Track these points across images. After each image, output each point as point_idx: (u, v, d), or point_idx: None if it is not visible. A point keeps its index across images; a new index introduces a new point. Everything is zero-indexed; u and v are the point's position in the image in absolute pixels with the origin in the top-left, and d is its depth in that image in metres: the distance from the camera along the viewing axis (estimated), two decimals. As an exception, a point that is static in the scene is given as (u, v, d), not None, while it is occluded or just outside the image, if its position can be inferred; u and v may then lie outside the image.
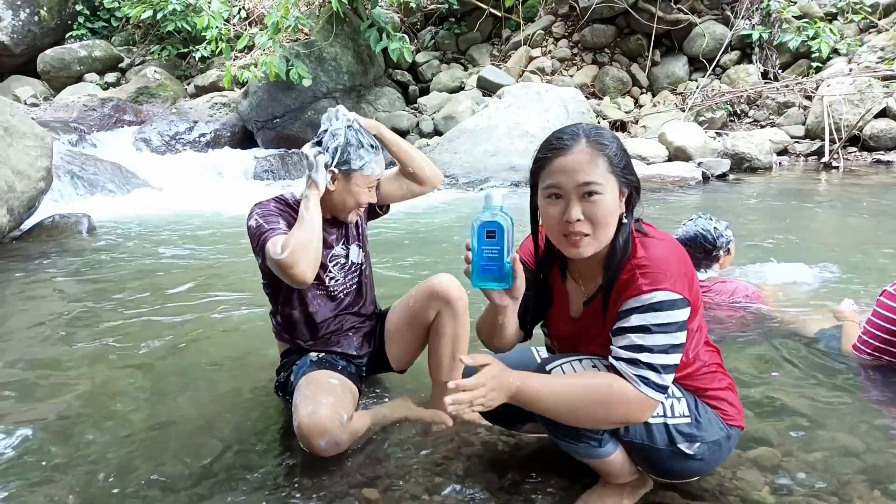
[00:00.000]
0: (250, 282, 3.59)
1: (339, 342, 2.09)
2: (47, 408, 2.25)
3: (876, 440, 1.89)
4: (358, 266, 2.14)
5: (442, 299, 1.99)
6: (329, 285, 2.06)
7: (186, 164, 8.04)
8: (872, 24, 9.16)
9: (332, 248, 2.04)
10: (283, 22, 7.84)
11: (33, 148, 5.01)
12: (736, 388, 1.63)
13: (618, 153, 1.38)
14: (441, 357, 2.02)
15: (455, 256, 4.31)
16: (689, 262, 1.43)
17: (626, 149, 1.43)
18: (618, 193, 1.38)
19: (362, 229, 2.17)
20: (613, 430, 1.47)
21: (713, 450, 1.51)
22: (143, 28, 11.05)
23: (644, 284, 1.34)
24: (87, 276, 4.01)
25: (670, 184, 6.92)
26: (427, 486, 1.71)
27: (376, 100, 9.29)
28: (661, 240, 1.43)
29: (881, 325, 2.23)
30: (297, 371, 2.00)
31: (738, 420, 1.57)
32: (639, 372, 1.34)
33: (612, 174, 1.36)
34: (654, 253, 1.38)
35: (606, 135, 1.41)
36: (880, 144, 7.92)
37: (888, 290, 2.22)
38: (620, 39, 10.03)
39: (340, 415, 1.80)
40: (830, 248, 4.29)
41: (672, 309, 1.32)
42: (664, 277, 1.33)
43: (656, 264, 1.35)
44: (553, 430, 1.49)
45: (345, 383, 1.96)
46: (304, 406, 1.78)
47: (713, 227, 2.81)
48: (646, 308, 1.33)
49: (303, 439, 1.75)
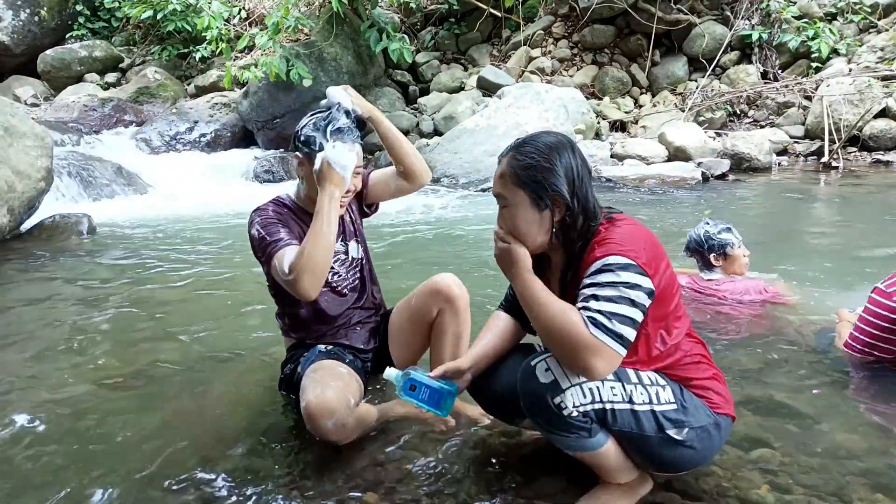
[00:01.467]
0: (252, 282, 3.60)
1: (348, 335, 2.11)
2: (47, 408, 2.25)
3: (876, 440, 1.89)
4: (358, 261, 2.15)
5: (443, 297, 2.01)
6: (333, 281, 2.07)
7: (186, 164, 8.05)
8: (872, 24, 9.16)
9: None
10: (283, 22, 7.84)
11: (33, 148, 5.02)
12: (724, 379, 1.64)
13: (530, 169, 1.48)
14: (443, 355, 2.03)
15: (456, 255, 4.32)
16: (656, 244, 1.50)
17: (571, 170, 1.49)
18: (533, 207, 1.49)
19: (357, 225, 2.18)
20: (602, 420, 1.48)
21: (702, 436, 1.52)
22: (144, 28, 11.06)
23: (598, 252, 1.44)
24: (87, 276, 4.01)
25: (670, 184, 6.93)
26: (428, 489, 1.72)
27: (376, 100, 9.30)
28: (625, 225, 1.50)
29: (871, 321, 2.25)
30: (305, 362, 2.01)
31: (725, 408, 1.59)
32: (588, 314, 1.39)
33: (520, 189, 1.49)
34: (613, 232, 1.48)
35: (532, 151, 1.49)
36: (880, 144, 7.93)
37: (879, 286, 2.24)
38: (620, 39, 10.03)
39: (348, 398, 1.80)
40: (830, 247, 4.30)
41: (623, 271, 1.40)
42: (616, 246, 1.43)
43: (613, 238, 1.45)
44: (542, 423, 1.51)
45: (352, 373, 1.97)
46: (313, 388, 1.78)
47: (704, 230, 2.99)
48: (597, 270, 1.43)
49: (309, 420, 1.73)
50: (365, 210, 2.23)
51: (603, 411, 1.47)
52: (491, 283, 3.35)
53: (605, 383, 1.47)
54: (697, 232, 3.01)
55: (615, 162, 7.82)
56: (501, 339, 1.75)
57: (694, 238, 3.02)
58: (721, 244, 2.96)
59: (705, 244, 2.98)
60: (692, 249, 3.04)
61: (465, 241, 4.76)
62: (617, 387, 1.48)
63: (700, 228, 3.02)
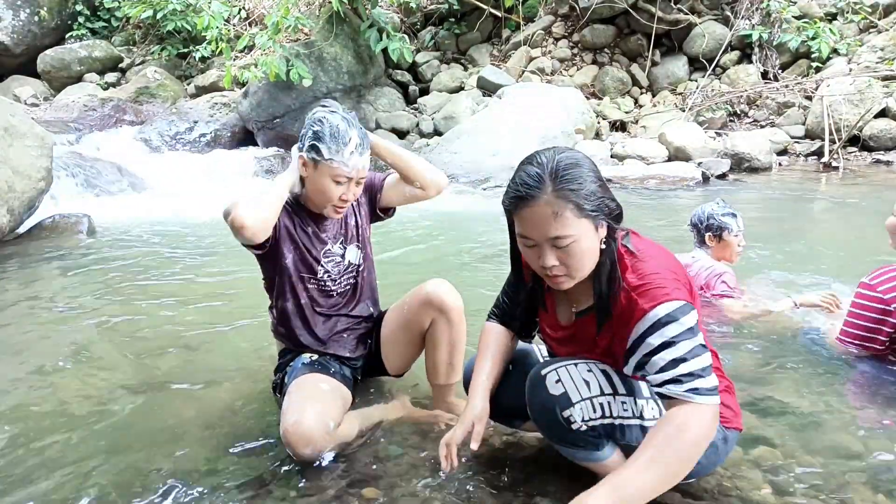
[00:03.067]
0: (250, 283, 3.59)
1: (332, 345, 2.07)
2: (44, 409, 2.24)
3: (876, 440, 1.89)
4: (355, 267, 2.10)
5: (436, 308, 1.96)
6: (321, 278, 2.03)
7: (186, 164, 8.04)
8: (872, 24, 9.16)
9: (326, 244, 2.02)
10: (283, 22, 7.84)
11: (33, 148, 5.01)
12: (734, 390, 1.63)
13: (588, 194, 1.31)
14: (438, 363, 2.01)
15: (456, 254, 4.31)
16: (680, 268, 1.43)
17: (598, 176, 1.36)
18: (593, 230, 1.35)
19: (363, 231, 2.12)
20: (611, 434, 1.47)
21: (709, 452, 1.49)
22: (143, 28, 11.06)
23: (645, 304, 1.33)
24: (86, 276, 4.01)
25: (670, 184, 6.92)
26: (427, 487, 1.71)
27: (376, 100, 9.29)
28: (648, 254, 1.42)
29: (859, 314, 2.27)
30: (290, 373, 1.99)
31: (735, 422, 1.57)
32: (688, 386, 1.31)
33: (583, 218, 1.32)
34: (644, 271, 1.37)
35: (574, 174, 1.31)
36: (880, 144, 7.92)
37: (864, 281, 2.26)
38: (620, 39, 10.03)
39: (327, 423, 1.79)
40: (830, 247, 4.29)
41: (681, 316, 1.32)
42: (660, 291, 1.33)
43: (649, 281, 1.35)
44: (551, 435, 1.50)
45: (335, 389, 1.94)
46: (291, 413, 1.77)
47: (711, 208, 3.01)
48: (657, 325, 1.32)
49: (288, 447, 1.76)
50: (379, 214, 2.18)
51: (612, 426, 1.46)
52: (490, 282, 3.35)
53: (616, 398, 1.45)
54: (704, 208, 3.03)
55: (615, 162, 7.82)
56: (503, 356, 1.71)
57: (698, 213, 3.04)
58: (719, 225, 2.97)
59: (705, 221, 3.00)
60: (693, 224, 3.07)
61: (465, 241, 4.76)
62: (628, 402, 1.46)
63: (708, 205, 3.04)
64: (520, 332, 1.75)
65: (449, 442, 1.56)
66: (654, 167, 7.46)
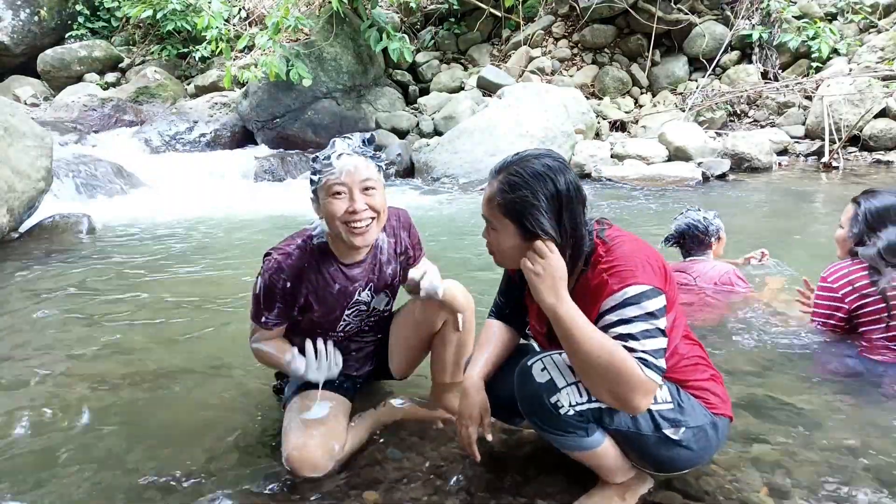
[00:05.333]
0: (251, 283, 3.59)
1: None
2: (43, 409, 2.24)
3: (876, 439, 1.89)
4: (379, 313, 2.03)
5: (449, 309, 1.93)
6: (339, 330, 1.97)
7: (186, 164, 8.03)
8: (872, 24, 9.16)
9: (353, 296, 1.91)
10: (283, 22, 7.84)
11: (33, 148, 5.01)
12: (721, 380, 1.64)
13: (516, 201, 1.45)
14: (445, 362, 2.01)
15: (456, 253, 4.31)
16: (655, 254, 1.49)
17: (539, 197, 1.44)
18: (519, 236, 1.47)
19: (396, 281, 2.01)
20: (599, 419, 1.49)
21: (699, 436, 1.53)
22: (143, 28, 11.05)
23: (614, 284, 1.41)
24: (86, 276, 4.01)
25: (670, 184, 6.92)
26: (427, 488, 1.71)
27: (376, 100, 9.29)
28: (622, 239, 1.49)
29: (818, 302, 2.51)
30: (292, 383, 1.98)
31: (722, 409, 1.59)
32: (637, 356, 1.38)
33: (505, 217, 1.48)
34: (617, 254, 1.46)
35: (517, 179, 1.48)
36: (880, 144, 7.92)
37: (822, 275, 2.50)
38: (620, 39, 10.03)
39: (332, 447, 1.78)
40: (830, 247, 4.28)
41: (646, 300, 1.39)
42: (629, 273, 1.41)
43: (621, 263, 1.43)
44: (540, 423, 1.51)
45: (338, 404, 1.92)
46: (295, 437, 1.77)
47: (702, 216, 3.08)
48: (620, 304, 1.40)
49: (292, 471, 1.75)
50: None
51: (599, 410, 1.47)
52: (492, 282, 3.34)
53: None
54: (696, 219, 3.07)
55: (615, 162, 7.82)
56: (503, 349, 1.76)
57: (693, 224, 3.07)
58: (717, 228, 3.08)
59: (707, 229, 3.05)
60: (692, 237, 3.08)
61: (465, 240, 4.75)
62: None
63: (695, 216, 3.08)
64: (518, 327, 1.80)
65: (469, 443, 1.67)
66: (654, 167, 7.46)
